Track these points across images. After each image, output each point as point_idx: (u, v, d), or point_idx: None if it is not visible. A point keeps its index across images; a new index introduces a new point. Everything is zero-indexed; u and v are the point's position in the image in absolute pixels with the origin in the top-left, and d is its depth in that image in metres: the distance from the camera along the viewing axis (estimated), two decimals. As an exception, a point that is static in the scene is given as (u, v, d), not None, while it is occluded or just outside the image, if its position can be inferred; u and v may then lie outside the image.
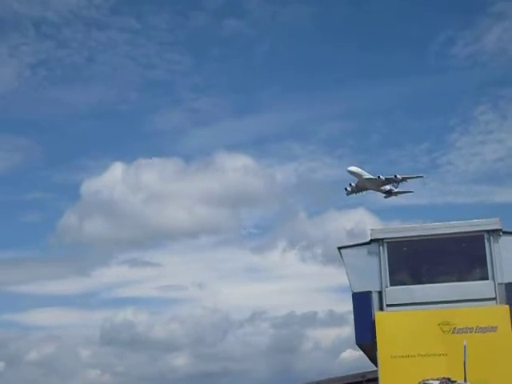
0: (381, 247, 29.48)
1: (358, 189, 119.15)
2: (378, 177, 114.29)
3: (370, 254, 29.56)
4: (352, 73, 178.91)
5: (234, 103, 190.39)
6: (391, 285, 29.20)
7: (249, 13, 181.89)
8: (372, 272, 29.35)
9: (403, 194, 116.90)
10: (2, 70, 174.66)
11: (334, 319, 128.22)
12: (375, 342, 28.37)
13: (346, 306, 30.43)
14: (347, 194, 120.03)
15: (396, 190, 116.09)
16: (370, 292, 29.15)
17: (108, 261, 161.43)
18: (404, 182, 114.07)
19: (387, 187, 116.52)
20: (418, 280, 29.63)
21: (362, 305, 29.08)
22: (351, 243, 30.21)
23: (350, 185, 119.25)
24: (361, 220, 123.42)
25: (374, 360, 29.86)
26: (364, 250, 29.70)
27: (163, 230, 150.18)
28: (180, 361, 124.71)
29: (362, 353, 31.69)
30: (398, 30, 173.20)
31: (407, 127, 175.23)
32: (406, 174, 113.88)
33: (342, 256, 29.92)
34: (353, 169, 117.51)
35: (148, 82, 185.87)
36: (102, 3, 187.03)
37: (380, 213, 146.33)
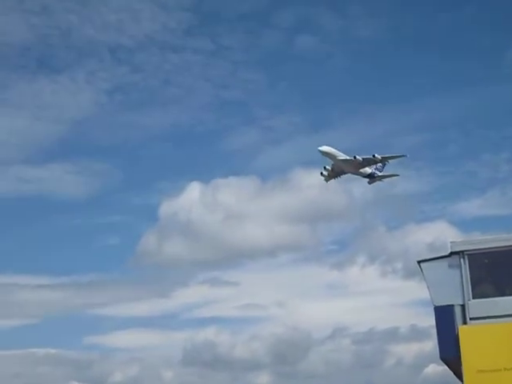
0: (462, 260, 28.88)
1: (335, 173, 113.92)
2: (354, 157, 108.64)
3: (451, 267, 28.95)
4: (426, 85, 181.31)
5: (308, 119, 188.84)
6: (474, 298, 28.67)
7: (321, 28, 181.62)
8: (453, 285, 28.76)
9: (388, 179, 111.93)
10: (80, 97, 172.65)
11: (416, 334, 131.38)
12: (460, 357, 27.86)
13: (429, 321, 29.89)
14: (325, 180, 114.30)
15: (380, 174, 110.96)
16: (453, 305, 28.57)
17: (187, 281, 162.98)
18: (386, 163, 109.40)
19: (368, 170, 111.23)
20: (501, 292, 29.11)
21: (445, 319, 28.50)
22: (431, 256, 29.54)
23: (325, 168, 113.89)
24: (441, 232, 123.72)
25: (459, 375, 29.38)
26: (444, 262, 29.08)
27: (242, 248, 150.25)
28: (262, 379, 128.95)
29: (446, 368, 31.25)
30: (471, 39, 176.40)
31: (484, 137, 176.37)
32: (386, 153, 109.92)
33: (422, 270, 29.24)
34: (325, 148, 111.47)
35: (222, 102, 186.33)
36: (176, 26, 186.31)
37: (460, 225, 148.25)
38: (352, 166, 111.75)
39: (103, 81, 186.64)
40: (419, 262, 29.39)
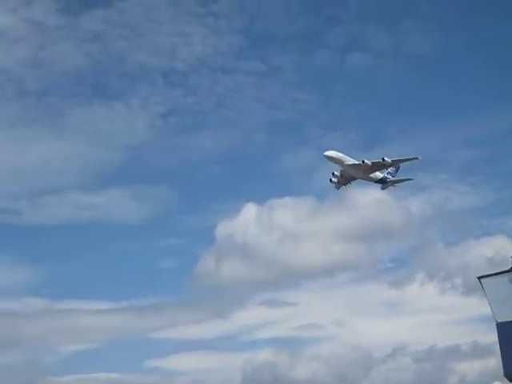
0: (523, 274, 28.52)
1: (345, 179, 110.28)
2: (363, 161, 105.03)
3: (512, 282, 28.59)
4: (481, 98, 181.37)
5: (362, 137, 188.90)
6: (536, 313, 28.31)
7: (372, 46, 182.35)
8: (515, 300, 28.40)
9: (402, 183, 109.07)
10: (135, 122, 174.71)
11: (478, 351, 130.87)
12: (525, 373, 27.56)
13: (491, 337, 29.50)
14: (336, 188, 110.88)
15: (393, 179, 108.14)
16: (515, 321, 28.22)
17: (245, 302, 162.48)
18: (398, 167, 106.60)
19: (379, 175, 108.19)
20: None
21: (508, 335, 28.08)
22: (492, 272, 29.15)
23: (334, 174, 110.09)
24: (501, 247, 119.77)
25: (525, 391, 29.00)
26: (505, 278, 28.65)
27: (299, 268, 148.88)
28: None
29: (511, 384, 30.80)
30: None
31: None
32: (397, 156, 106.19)
33: (482, 286, 28.84)
34: (330, 153, 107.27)
35: (275, 123, 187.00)
36: (228, 49, 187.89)
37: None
38: (361, 171, 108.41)
39: (157, 105, 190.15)
40: (479, 278, 29.00)
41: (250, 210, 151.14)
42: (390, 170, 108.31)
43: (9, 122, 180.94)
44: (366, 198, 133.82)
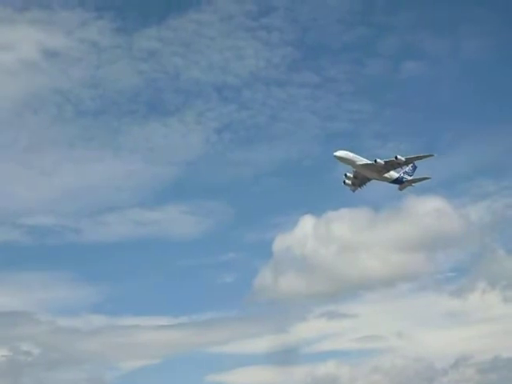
0: None
1: (360, 180, 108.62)
2: (375, 160, 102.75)
3: None
4: None
5: (418, 146, 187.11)
6: None
7: (427, 52, 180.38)
8: None
9: (419, 183, 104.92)
10: (191, 138, 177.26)
11: None
12: None
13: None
14: (352, 190, 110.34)
15: (409, 179, 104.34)
16: None
17: (305, 315, 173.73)
18: (415, 166, 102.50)
19: (394, 175, 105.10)
20: None
21: None
22: None
23: (346, 176, 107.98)
24: None
25: None
26: None
27: (358, 280, 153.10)
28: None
29: None
30: None
31: None
32: (411, 154, 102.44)
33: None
34: (340, 154, 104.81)
35: (330, 134, 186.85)
36: (280, 61, 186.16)
37: None
38: (375, 171, 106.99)
39: (212, 120, 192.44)
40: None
41: (307, 223, 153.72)
42: (406, 169, 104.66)
43: (68, 141, 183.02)
44: (424, 207, 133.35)
